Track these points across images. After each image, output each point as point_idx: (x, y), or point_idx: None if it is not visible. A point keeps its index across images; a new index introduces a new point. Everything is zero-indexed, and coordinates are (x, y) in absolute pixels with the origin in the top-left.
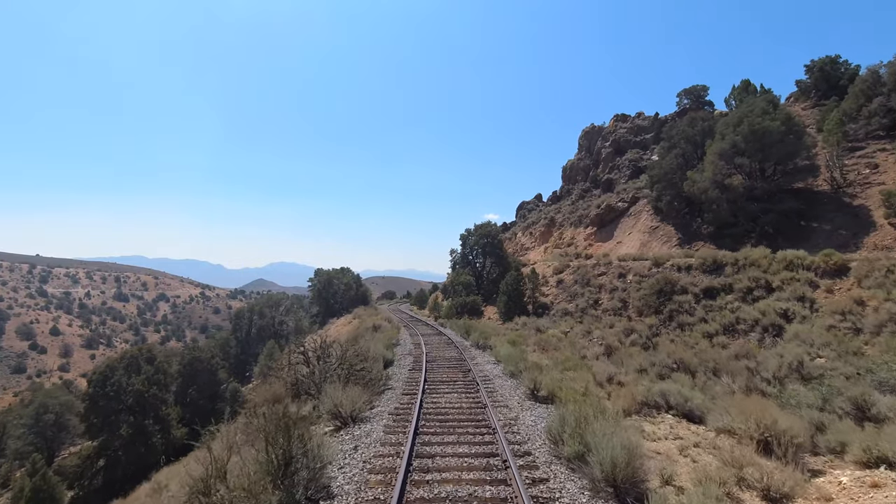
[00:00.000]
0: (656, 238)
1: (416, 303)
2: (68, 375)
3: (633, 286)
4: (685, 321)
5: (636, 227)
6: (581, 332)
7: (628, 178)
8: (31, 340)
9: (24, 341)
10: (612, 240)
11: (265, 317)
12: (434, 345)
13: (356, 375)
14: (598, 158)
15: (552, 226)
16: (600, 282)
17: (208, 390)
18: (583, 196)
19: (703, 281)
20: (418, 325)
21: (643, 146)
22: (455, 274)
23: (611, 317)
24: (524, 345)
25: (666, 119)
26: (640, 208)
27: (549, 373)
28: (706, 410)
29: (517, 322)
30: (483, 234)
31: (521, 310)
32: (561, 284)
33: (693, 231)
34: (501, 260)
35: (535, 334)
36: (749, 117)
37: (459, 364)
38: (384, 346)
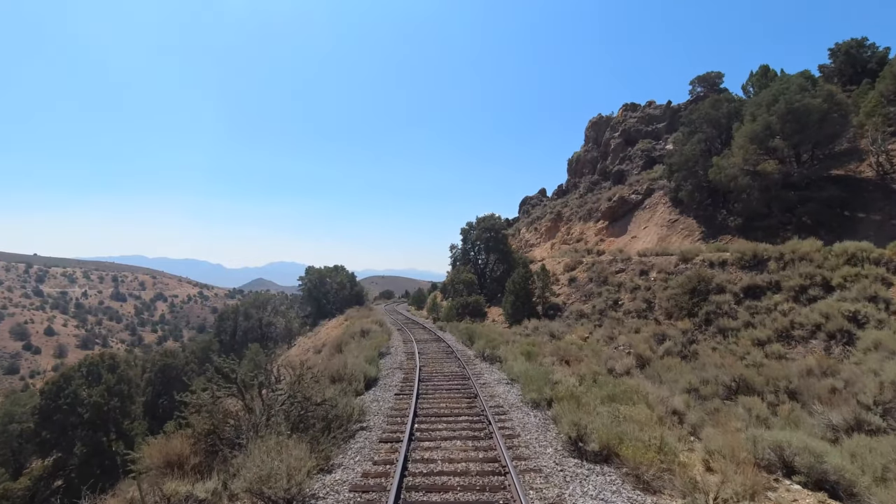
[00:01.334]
0: (676, 232)
1: (414, 303)
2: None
3: (658, 284)
4: (726, 325)
5: (652, 221)
6: (603, 337)
7: (641, 169)
8: (25, 341)
9: (17, 342)
10: (626, 234)
11: (251, 318)
12: (431, 355)
13: (314, 414)
14: (606, 150)
15: (559, 220)
16: (619, 280)
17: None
18: (591, 189)
19: (743, 278)
20: (414, 329)
21: (655, 136)
22: (455, 271)
23: (634, 319)
24: (540, 355)
25: (679, 107)
26: (656, 200)
27: (591, 408)
28: (851, 479)
29: (526, 326)
30: (486, 227)
31: (530, 311)
32: (574, 283)
33: (718, 224)
34: (506, 256)
35: (549, 341)
36: (786, 95)
37: (462, 385)
38: (368, 358)
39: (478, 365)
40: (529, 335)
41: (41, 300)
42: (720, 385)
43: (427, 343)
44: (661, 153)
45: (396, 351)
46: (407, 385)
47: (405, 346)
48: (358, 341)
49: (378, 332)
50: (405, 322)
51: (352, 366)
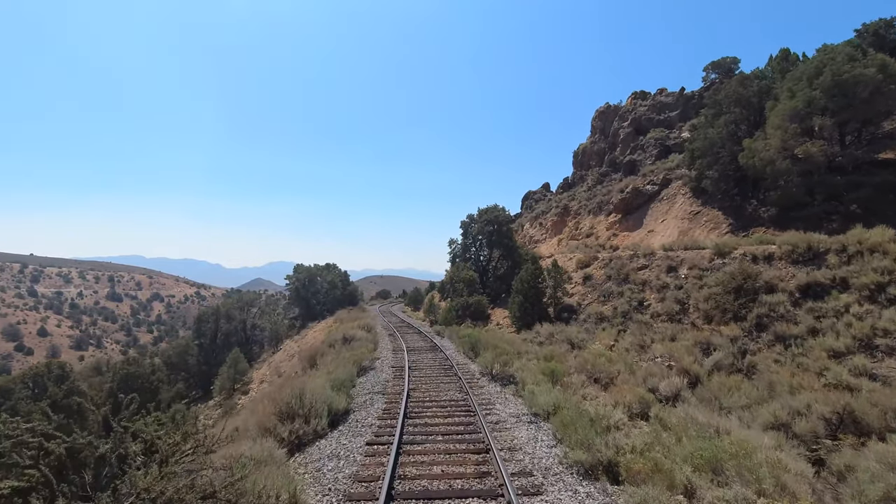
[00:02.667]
0: (699, 224)
1: (411, 303)
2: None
3: (691, 283)
4: (786, 332)
5: (671, 213)
6: (632, 346)
7: (655, 159)
8: (17, 341)
9: (9, 342)
10: (642, 228)
11: (234, 320)
12: (425, 371)
13: None
14: (615, 140)
15: (566, 215)
16: (642, 277)
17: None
18: (600, 181)
19: (797, 275)
20: (408, 335)
21: (668, 125)
22: (455, 269)
23: (666, 323)
24: (565, 373)
25: (693, 95)
26: (674, 191)
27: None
28: None
29: (538, 331)
30: (489, 220)
31: (541, 314)
32: (589, 281)
33: (748, 215)
34: (511, 251)
35: (569, 351)
36: (832, 65)
37: (467, 426)
38: (337, 382)
39: (485, 388)
40: (543, 343)
41: (35, 300)
42: (818, 418)
43: (421, 353)
44: (677, 141)
45: (382, 365)
46: (387, 424)
47: (394, 358)
48: (338, 352)
49: (364, 340)
50: (399, 325)
51: (313, 394)
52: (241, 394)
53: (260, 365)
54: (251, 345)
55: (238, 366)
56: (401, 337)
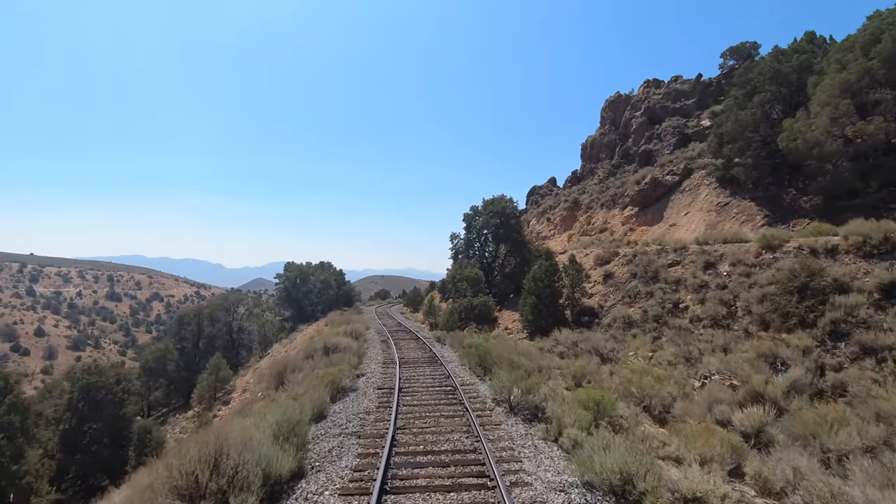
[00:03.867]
0: (728, 217)
1: (410, 304)
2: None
3: (736, 281)
4: (874, 342)
5: (695, 205)
6: (675, 358)
7: (673, 148)
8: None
9: (5, 343)
10: (663, 222)
11: (219, 322)
12: (420, 397)
13: None
14: (626, 131)
15: (576, 209)
16: (675, 275)
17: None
18: (613, 173)
19: (873, 271)
20: (403, 341)
21: (684, 113)
22: (457, 266)
23: (710, 329)
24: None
25: (711, 82)
26: (698, 181)
27: None
28: None
29: (556, 338)
30: (495, 211)
31: (557, 317)
32: (610, 280)
33: (787, 205)
34: (520, 246)
35: (600, 365)
36: (891, 30)
37: None
38: (290, 424)
39: (504, 427)
40: (565, 354)
41: (33, 300)
42: None
43: (417, 367)
44: (696, 129)
45: (367, 385)
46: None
47: (383, 375)
48: (315, 365)
49: (349, 350)
50: (394, 329)
51: (243, 448)
52: (222, 404)
53: (245, 371)
54: (238, 349)
55: (220, 373)
56: (395, 345)
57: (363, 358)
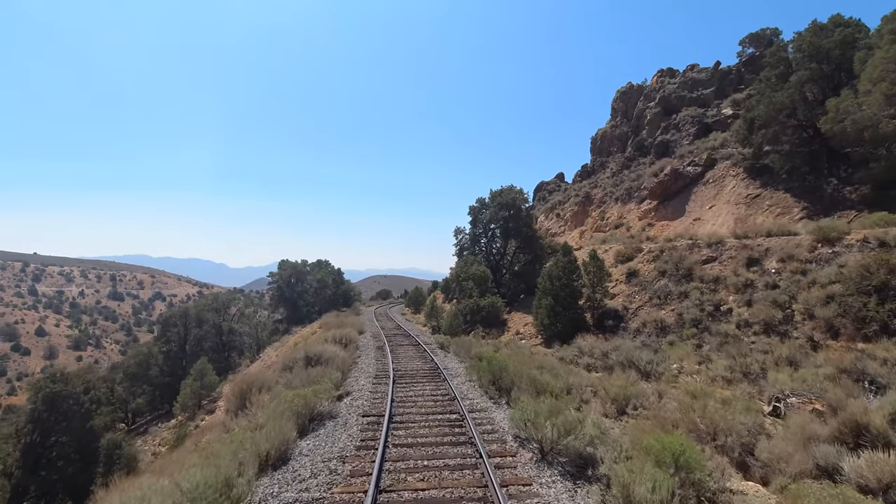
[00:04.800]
0: (760, 210)
1: (411, 304)
2: None
3: (788, 279)
4: None
5: (721, 198)
6: (731, 373)
7: (693, 138)
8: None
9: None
10: (685, 216)
11: (206, 323)
12: (418, 430)
13: None
14: (639, 122)
15: (588, 204)
16: (712, 272)
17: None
18: (627, 165)
19: None
20: (401, 348)
21: (701, 103)
22: (462, 263)
23: (763, 336)
24: (699, 456)
25: (730, 70)
26: (722, 172)
27: None
28: None
29: (579, 347)
30: (503, 204)
31: (577, 321)
32: (634, 279)
33: (829, 196)
34: (531, 242)
35: (640, 381)
36: None
37: None
38: (222, 483)
39: (539, 489)
40: (594, 366)
41: (35, 299)
42: None
43: (415, 385)
44: (717, 118)
45: (349, 412)
46: None
47: (372, 396)
48: (290, 381)
49: (335, 361)
50: (393, 333)
51: None
52: (206, 413)
53: (234, 376)
54: (228, 352)
55: (205, 378)
56: (391, 353)
57: (352, 370)
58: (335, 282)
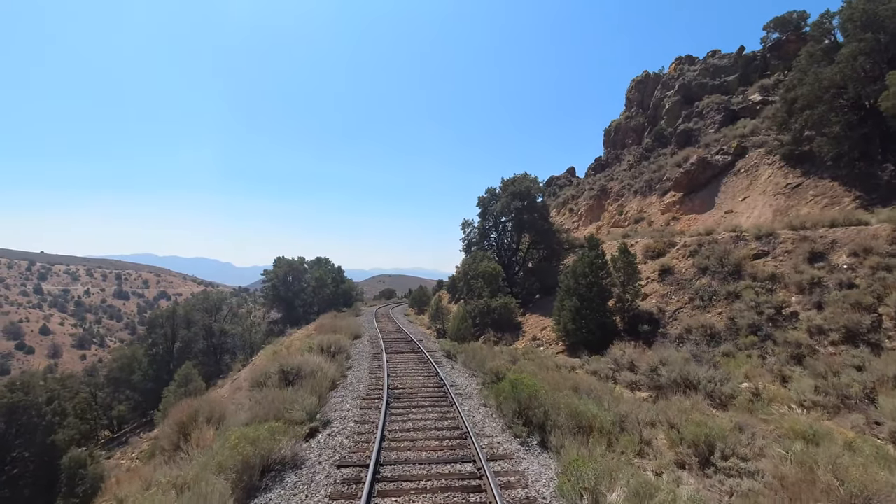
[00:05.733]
0: (804, 200)
1: (415, 304)
2: None
3: (870, 276)
4: None
5: (755, 188)
6: (823, 396)
7: (719, 126)
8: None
9: (10, 341)
10: (715, 209)
11: (195, 325)
12: (416, 497)
13: None
14: (657, 112)
15: (604, 197)
16: (766, 269)
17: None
18: (645, 157)
19: None
20: (401, 357)
21: (724, 90)
22: (471, 259)
23: (847, 347)
24: None
25: (755, 55)
26: (755, 161)
27: None
28: None
29: (613, 358)
30: (516, 192)
31: (606, 326)
32: (669, 277)
33: (886, 184)
34: (546, 236)
35: (712, 408)
36: None
37: None
38: None
39: None
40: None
41: (40, 298)
42: None
43: (415, 412)
44: (745, 105)
45: (319, 459)
46: None
47: (354, 434)
48: (253, 408)
49: (317, 376)
50: (393, 338)
51: None
52: None
53: (224, 382)
54: (220, 355)
55: (190, 385)
56: (388, 363)
57: (339, 386)
58: (335, 280)
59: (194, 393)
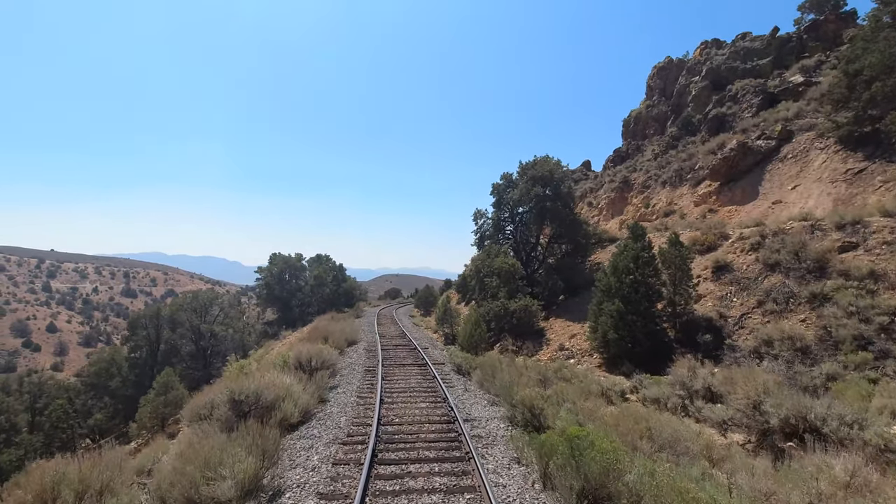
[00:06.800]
0: (871, 187)
1: (420, 305)
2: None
3: None
4: None
5: (807, 175)
6: None
7: (757, 110)
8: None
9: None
10: (759, 199)
11: (182, 326)
12: None
13: None
14: (681, 99)
15: (627, 190)
16: (859, 265)
17: None
18: (672, 145)
19: None
20: (402, 370)
21: (757, 73)
22: (484, 255)
23: None
24: None
25: (790, 37)
26: (805, 145)
27: None
28: None
29: (679, 380)
30: (537, 177)
31: (657, 335)
32: (726, 275)
33: None
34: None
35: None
36: None
37: None
38: None
39: None
40: (730, 422)
41: (48, 296)
42: None
43: (415, 479)
44: (785, 87)
45: None
46: None
47: None
48: (158, 479)
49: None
50: (394, 345)
51: None
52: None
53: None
54: (210, 359)
55: (169, 394)
56: (383, 382)
57: (309, 424)
58: (336, 279)
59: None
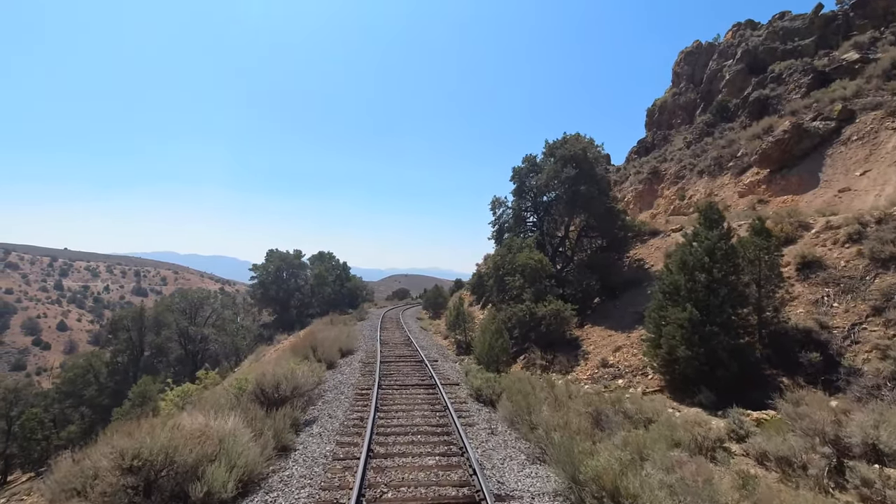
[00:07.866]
0: None
1: (429, 306)
2: None
3: None
4: None
5: (878, 159)
6: None
7: (807, 90)
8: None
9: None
10: (820, 187)
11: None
12: None
13: None
14: (712, 85)
15: (656, 181)
16: None
17: None
18: (708, 132)
19: None
20: (403, 395)
21: (798, 55)
22: (505, 249)
23: None
24: None
25: (835, 15)
26: (872, 125)
27: None
28: None
29: (812, 427)
30: (567, 157)
31: (743, 353)
32: (816, 273)
33: None
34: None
35: None
36: None
37: None
38: None
39: None
40: (869, 498)
41: (59, 294)
42: None
43: None
44: (839, 66)
45: None
46: None
47: None
48: None
49: (221, 471)
50: (397, 355)
51: None
52: None
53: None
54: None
55: (146, 405)
56: (376, 416)
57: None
58: (339, 278)
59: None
